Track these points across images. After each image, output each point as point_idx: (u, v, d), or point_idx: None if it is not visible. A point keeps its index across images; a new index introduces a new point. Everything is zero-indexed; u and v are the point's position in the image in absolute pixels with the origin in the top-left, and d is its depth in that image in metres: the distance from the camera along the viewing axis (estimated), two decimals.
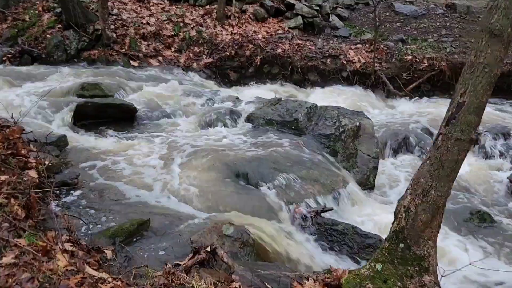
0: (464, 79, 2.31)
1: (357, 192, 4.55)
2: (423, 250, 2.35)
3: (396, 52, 8.26)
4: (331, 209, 4.06)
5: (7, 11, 10.73)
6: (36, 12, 10.53)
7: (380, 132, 5.93)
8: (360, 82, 8.16)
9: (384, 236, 3.76)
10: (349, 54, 8.42)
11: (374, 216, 4.31)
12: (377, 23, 8.22)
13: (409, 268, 2.33)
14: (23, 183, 3.43)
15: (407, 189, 2.45)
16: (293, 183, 4.29)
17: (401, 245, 2.37)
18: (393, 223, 2.45)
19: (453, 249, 3.69)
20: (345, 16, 10.13)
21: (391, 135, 6.02)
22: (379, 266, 2.36)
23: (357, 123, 5.27)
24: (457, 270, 2.47)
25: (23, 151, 4.01)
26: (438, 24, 9.49)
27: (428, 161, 2.39)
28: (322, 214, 3.93)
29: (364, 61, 8.23)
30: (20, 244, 2.59)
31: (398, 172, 5.38)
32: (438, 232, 2.40)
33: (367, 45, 8.62)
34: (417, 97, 7.79)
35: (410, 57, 8.08)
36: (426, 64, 7.95)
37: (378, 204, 4.61)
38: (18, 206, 3.05)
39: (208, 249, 2.95)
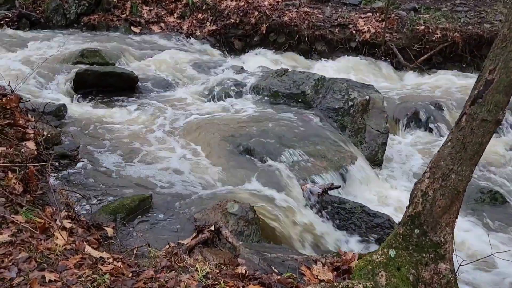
0: (494, 54, 2.11)
1: (365, 168, 4.41)
2: (439, 236, 2.23)
3: (408, 22, 7.91)
4: (339, 187, 3.94)
5: None
6: None
7: (390, 106, 5.71)
8: (369, 53, 7.86)
9: (392, 215, 3.70)
10: (358, 23, 8.09)
11: (382, 194, 4.20)
12: None
13: (424, 255, 2.22)
14: (21, 156, 3.30)
15: (424, 172, 2.30)
16: (299, 159, 4.16)
17: (417, 231, 2.25)
18: (408, 208, 2.32)
19: (465, 232, 3.59)
20: None
21: (400, 109, 5.83)
22: (392, 253, 2.25)
23: (367, 97, 5.07)
24: (477, 260, 2.36)
25: (20, 121, 3.86)
26: None
27: (449, 143, 2.23)
28: (329, 192, 3.81)
29: (374, 31, 7.90)
30: (17, 220, 2.49)
31: (407, 148, 5.22)
32: (456, 218, 2.27)
33: (377, 14, 8.25)
34: (428, 70, 7.50)
35: (422, 27, 7.74)
36: (439, 35, 7.62)
37: (386, 181, 4.49)
38: (15, 180, 2.93)
39: (212, 228, 2.86)
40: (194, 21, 8.96)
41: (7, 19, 8.58)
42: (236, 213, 3.13)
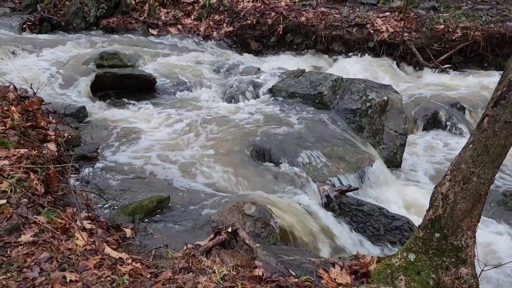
0: None
1: (383, 170, 4.35)
2: (461, 240, 2.19)
3: (427, 21, 7.79)
4: (357, 189, 3.90)
5: None
6: None
7: (408, 106, 5.64)
8: (387, 53, 7.76)
9: (411, 218, 3.65)
10: (376, 22, 8.00)
11: (401, 196, 4.14)
12: None
13: (444, 259, 2.18)
14: (42, 157, 3.37)
15: (445, 175, 2.26)
16: (317, 161, 4.13)
17: (437, 234, 2.21)
18: (428, 211, 2.28)
19: (487, 237, 3.50)
20: None
21: (419, 110, 5.74)
22: (412, 256, 2.22)
23: (385, 98, 5.01)
24: (500, 265, 2.30)
25: (42, 123, 3.95)
26: None
27: (471, 145, 2.18)
28: (347, 194, 3.78)
29: (392, 30, 7.80)
30: (39, 221, 2.53)
31: (427, 149, 5.14)
32: (478, 222, 2.22)
33: (396, 13, 8.14)
34: (448, 69, 7.36)
35: (442, 26, 7.61)
36: (459, 34, 7.47)
37: (405, 183, 4.43)
38: (37, 181, 2.99)
39: (229, 229, 2.86)
40: (211, 23, 9.01)
41: (29, 23, 8.78)
42: (253, 215, 3.12)
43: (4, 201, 2.59)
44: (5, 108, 3.77)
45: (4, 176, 2.82)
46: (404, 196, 4.15)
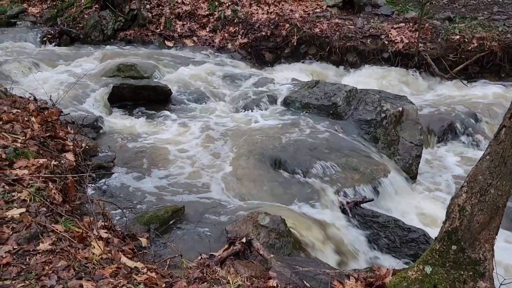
0: None
1: (398, 182, 4.32)
2: (478, 253, 2.15)
3: (443, 32, 7.75)
4: (371, 200, 3.87)
5: None
6: None
7: (424, 117, 5.59)
8: (402, 63, 7.73)
9: (427, 230, 3.59)
10: (391, 33, 7.99)
11: (417, 208, 4.09)
12: (423, 0, 7.73)
13: (462, 272, 2.14)
14: (61, 167, 3.43)
15: (462, 187, 2.23)
16: (331, 171, 4.12)
17: (454, 247, 2.18)
18: (444, 223, 2.25)
19: (506, 250, 3.43)
20: None
21: (435, 121, 5.68)
22: (428, 269, 2.18)
23: (400, 108, 4.98)
24: None
25: (61, 134, 4.03)
26: (489, 0, 8.83)
27: (488, 157, 2.16)
28: (361, 205, 3.75)
29: (407, 41, 7.78)
30: (57, 230, 2.57)
31: (443, 160, 5.07)
32: (496, 234, 2.18)
33: (411, 24, 8.12)
34: (464, 80, 7.29)
35: (457, 36, 7.56)
36: (475, 44, 7.41)
37: (421, 195, 4.37)
38: (55, 190, 3.04)
39: (244, 240, 2.86)
40: (225, 34, 9.12)
41: (49, 36, 9.04)
42: (267, 226, 3.12)
43: (24, 209, 2.65)
44: (26, 118, 3.86)
45: (23, 185, 2.88)
46: (420, 207, 4.10)
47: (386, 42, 7.89)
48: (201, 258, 2.64)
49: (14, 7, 10.50)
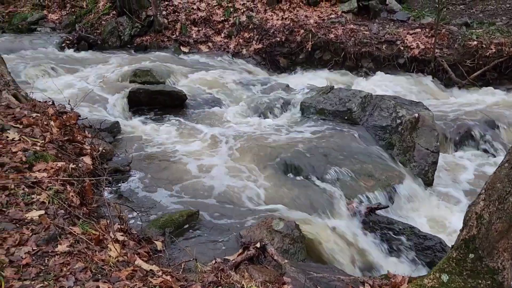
0: None
1: (414, 188, 4.28)
2: (497, 262, 2.12)
3: (460, 37, 7.67)
4: (387, 207, 3.84)
5: None
6: None
7: (440, 124, 5.53)
8: (418, 69, 7.67)
9: (443, 238, 3.55)
10: (406, 39, 7.94)
11: (433, 215, 4.04)
12: (439, 6, 7.67)
13: (480, 281, 2.11)
14: (78, 170, 3.49)
15: (479, 194, 2.20)
16: (346, 177, 4.10)
17: (471, 255, 2.15)
18: (462, 231, 2.22)
19: None
20: None
21: (452, 127, 5.62)
22: (445, 277, 2.16)
23: (416, 115, 4.94)
24: None
25: (78, 137, 4.10)
26: (508, 5, 8.72)
27: (506, 164, 2.13)
28: (376, 212, 3.73)
29: (423, 46, 7.72)
30: (75, 232, 2.62)
31: (460, 168, 5.01)
32: None
33: (427, 29, 8.06)
34: (482, 86, 7.19)
35: (475, 42, 7.47)
36: (494, 50, 7.31)
37: (437, 202, 4.32)
38: (73, 193, 3.10)
39: (258, 245, 2.87)
40: (240, 40, 9.18)
41: (68, 42, 9.23)
42: (282, 231, 3.12)
43: (43, 211, 2.70)
44: (45, 122, 3.94)
45: (43, 188, 2.94)
46: (436, 215, 4.05)
47: (402, 48, 7.85)
48: (216, 262, 2.65)
49: (34, 14, 10.75)
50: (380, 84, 7.34)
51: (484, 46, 7.39)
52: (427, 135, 4.88)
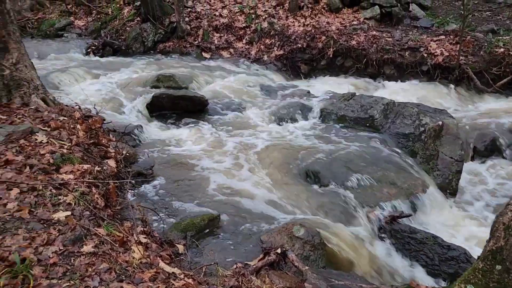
0: None
1: (437, 198, 4.20)
2: None
3: (485, 44, 7.53)
4: (409, 215, 3.78)
5: (92, 5, 11.41)
6: (118, 5, 11.08)
7: (465, 132, 5.44)
8: (442, 76, 7.56)
9: (467, 248, 3.47)
10: (430, 46, 7.84)
11: (456, 225, 3.96)
12: (465, 12, 7.55)
13: None
14: (103, 173, 3.57)
15: (507, 204, 2.16)
16: (367, 185, 4.06)
17: (498, 267, 2.10)
18: (488, 242, 2.18)
19: None
20: (427, 5, 9.45)
21: (477, 136, 5.51)
22: None
23: (440, 122, 4.86)
24: None
25: (103, 141, 4.20)
26: None
27: None
28: (398, 220, 3.67)
29: (447, 54, 7.60)
30: (100, 233, 2.67)
31: (485, 177, 4.90)
32: None
33: (451, 36, 7.95)
34: (508, 95, 7.03)
35: (501, 49, 7.32)
36: None
37: (461, 212, 4.23)
38: (98, 195, 3.17)
39: (279, 251, 2.87)
40: (261, 46, 9.23)
41: (93, 47, 9.46)
42: (302, 237, 3.12)
43: (69, 212, 2.76)
44: (72, 126, 4.05)
45: (69, 190, 3.01)
46: (460, 225, 3.97)
47: (425, 55, 7.75)
48: (237, 266, 2.67)
49: (62, 20, 11.06)
50: (403, 91, 7.26)
51: (511, 53, 7.23)
52: (451, 143, 4.79)
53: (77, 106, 4.75)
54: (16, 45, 4.13)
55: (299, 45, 8.73)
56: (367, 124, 5.14)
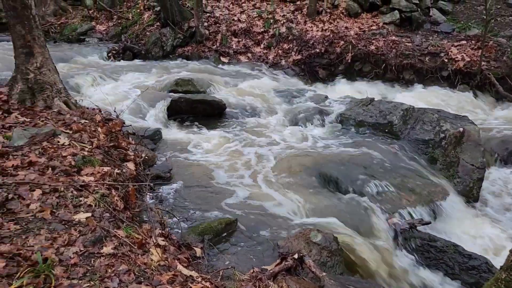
0: None
1: (458, 205, 4.12)
2: None
3: (508, 50, 7.38)
4: (429, 223, 3.72)
5: (114, 10, 11.63)
6: (138, 11, 11.26)
7: (487, 139, 5.33)
8: (463, 82, 7.43)
9: (490, 258, 3.39)
10: (451, 51, 7.72)
11: (477, 234, 3.87)
12: (487, 17, 7.42)
13: None
14: (122, 175, 3.61)
15: None
16: (386, 191, 4.02)
17: None
18: None
19: None
20: (448, 10, 9.32)
21: (499, 143, 5.39)
22: None
23: (461, 129, 4.78)
24: None
25: (123, 144, 4.25)
26: None
27: None
28: (418, 228, 3.62)
29: (469, 59, 7.48)
30: (119, 235, 2.70)
31: (507, 185, 4.78)
32: None
33: (473, 41, 7.82)
34: None
35: None
36: None
37: (482, 220, 4.13)
38: (117, 197, 3.21)
39: (296, 256, 2.86)
40: (279, 51, 9.24)
41: (114, 52, 9.62)
42: (319, 243, 3.10)
43: (89, 214, 2.81)
44: (93, 129, 4.12)
45: (90, 191, 3.06)
46: (481, 234, 3.88)
47: (446, 60, 7.64)
48: (254, 271, 2.66)
49: (83, 25, 11.30)
50: (422, 97, 7.17)
51: None
52: (473, 150, 4.70)
53: (98, 109, 4.84)
54: (41, 50, 4.24)
55: (317, 50, 8.72)
56: (386, 130, 5.09)
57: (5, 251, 2.19)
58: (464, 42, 7.90)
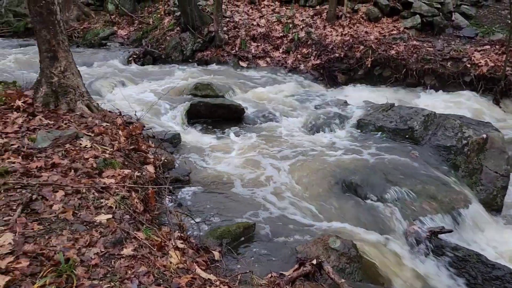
0: None
1: (481, 213, 4.03)
2: None
3: None
4: (451, 231, 3.64)
5: (135, 15, 11.83)
6: (158, 16, 11.43)
7: (511, 146, 5.19)
8: (486, 88, 7.28)
9: None
10: (474, 56, 7.58)
11: (501, 243, 3.77)
12: None
13: None
14: (142, 178, 3.66)
15: None
16: (406, 198, 3.95)
17: None
18: None
19: None
20: (470, 14, 9.16)
21: None
22: None
23: (484, 135, 4.68)
24: None
25: (143, 147, 4.31)
26: None
27: None
28: (439, 236, 3.55)
29: (492, 64, 7.32)
30: (139, 237, 2.73)
31: None
32: None
33: (497, 46, 7.66)
34: None
35: None
36: None
37: (507, 229, 4.03)
38: (137, 199, 3.25)
39: (314, 262, 2.84)
40: (298, 56, 9.23)
41: (134, 56, 9.77)
42: (338, 249, 3.07)
43: (110, 216, 2.85)
44: (114, 132, 4.19)
45: (110, 193, 3.11)
46: (505, 243, 3.78)
47: (469, 65, 7.50)
48: (271, 276, 2.66)
49: (105, 30, 11.52)
50: (444, 102, 7.05)
51: None
52: (496, 157, 4.60)
53: (119, 113, 4.92)
54: (65, 54, 4.33)
55: (337, 55, 8.67)
56: (407, 136, 5.02)
57: (29, 250, 2.24)
58: (487, 47, 7.75)
